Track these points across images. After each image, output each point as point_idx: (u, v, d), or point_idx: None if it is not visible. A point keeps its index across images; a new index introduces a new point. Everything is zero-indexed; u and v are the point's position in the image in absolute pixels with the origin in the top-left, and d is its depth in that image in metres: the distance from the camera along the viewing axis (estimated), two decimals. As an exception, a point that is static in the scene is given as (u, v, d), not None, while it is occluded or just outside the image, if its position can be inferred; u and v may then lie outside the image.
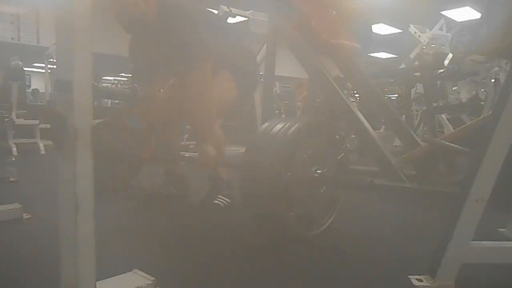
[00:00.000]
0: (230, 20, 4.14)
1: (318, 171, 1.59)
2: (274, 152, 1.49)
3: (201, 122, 1.96)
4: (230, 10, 4.02)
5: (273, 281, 1.23)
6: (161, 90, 2.41)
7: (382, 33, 10.48)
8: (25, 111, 5.08)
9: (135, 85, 3.45)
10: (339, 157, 1.75)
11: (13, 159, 2.93)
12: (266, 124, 1.63)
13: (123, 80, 13.08)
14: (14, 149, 4.57)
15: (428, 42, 6.26)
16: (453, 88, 5.84)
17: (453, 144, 1.99)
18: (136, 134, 2.53)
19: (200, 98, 1.90)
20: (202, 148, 1.90)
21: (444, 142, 2.19)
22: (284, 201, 1.48)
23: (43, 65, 6.78)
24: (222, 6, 4.04)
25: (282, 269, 1.33)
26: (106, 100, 7.85)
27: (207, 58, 1.90)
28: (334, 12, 2.44)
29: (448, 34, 6.23)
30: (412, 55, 6.30)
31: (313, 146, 1.61)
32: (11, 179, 2.73)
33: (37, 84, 9.97)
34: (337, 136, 1.75)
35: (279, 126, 1.56)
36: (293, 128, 1.53)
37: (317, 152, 1.62)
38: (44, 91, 7.17)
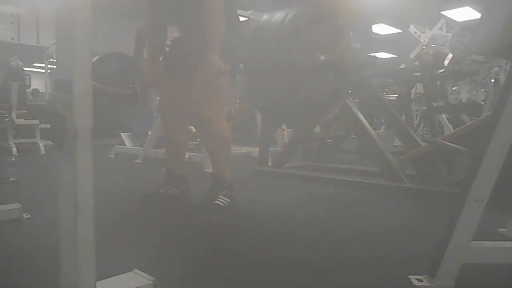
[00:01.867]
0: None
1: (322, 57, 1.58)
2: (276, 38, 1.49)
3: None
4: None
5: (268, 281, 1.23)
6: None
7: (382, 33, 10.48)
8: (25, 111, 5.09)
9: (135, 85, 3.46)
10: (344, 44, 1.73)
11: (13, 159, 2.92)
12: (266, 15, 1.64)
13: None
14: (14, 149, 4.58)
15: (428, 42, 6.27)
16: (453, 88, 5.85)
17: (453, 144, 1.99)
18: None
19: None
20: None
21: (444, 142, 2.19)
22: (290, 87, 1.49)
23: (43, 65, 6.79)
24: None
25: (275, 268, 1.33)
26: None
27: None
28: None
29: (448, 34, 6.24)
30: (412, 55, 6.31)
31: (315, 32, 1.60)
32: (11, 179, 2.73)
33: (37, 84, 9.97)
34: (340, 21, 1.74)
35: (278, 15, 1.57)
36: (291, 14, 1.54)
37: (320, 38, 1.61)
38: (44, 91, 7.17)
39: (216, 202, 2.03)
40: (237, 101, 6.87)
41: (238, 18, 2.27)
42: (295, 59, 1.51)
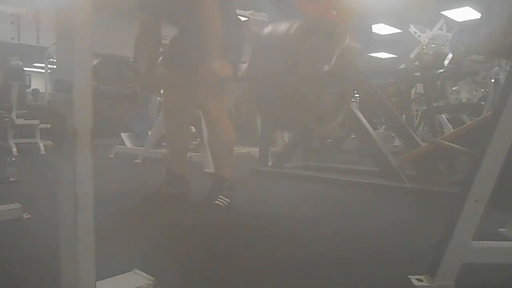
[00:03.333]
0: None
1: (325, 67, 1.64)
2: (280, 53, 1.55)
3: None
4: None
5: (267, 280, 1.23)
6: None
7: (382, 33, 10.48)
8: (25, 111, 5.09)
9: (135, 85, 3.45)
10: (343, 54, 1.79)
11: (13, 159, 2.93)
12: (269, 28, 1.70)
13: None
14: (14, 149, 4.57)
15: (428, 42, 6.27)
16: (453, 88, 5.85)
17: (453, 144, 1.99)
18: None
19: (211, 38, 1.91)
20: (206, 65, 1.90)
21: (444, 142, 2.19)
22: (297, 103, 1.56)
23: (43, 65, 6.79)
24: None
25: (274, 267, 1.33)
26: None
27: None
28: (334, 12, 2.45)
29: (448, 34, 6.24)
30: (412, 55, 6.31)
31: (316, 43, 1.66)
32: (11, 179, 2.72)
33: (37, 84, 9.98)
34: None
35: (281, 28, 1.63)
36: (294, 28, 1.59)
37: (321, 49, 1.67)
38: (44, 91, 7.18)
39: (216, 202, 2.03)
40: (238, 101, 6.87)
41: (238, 18, 2.27)
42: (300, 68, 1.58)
